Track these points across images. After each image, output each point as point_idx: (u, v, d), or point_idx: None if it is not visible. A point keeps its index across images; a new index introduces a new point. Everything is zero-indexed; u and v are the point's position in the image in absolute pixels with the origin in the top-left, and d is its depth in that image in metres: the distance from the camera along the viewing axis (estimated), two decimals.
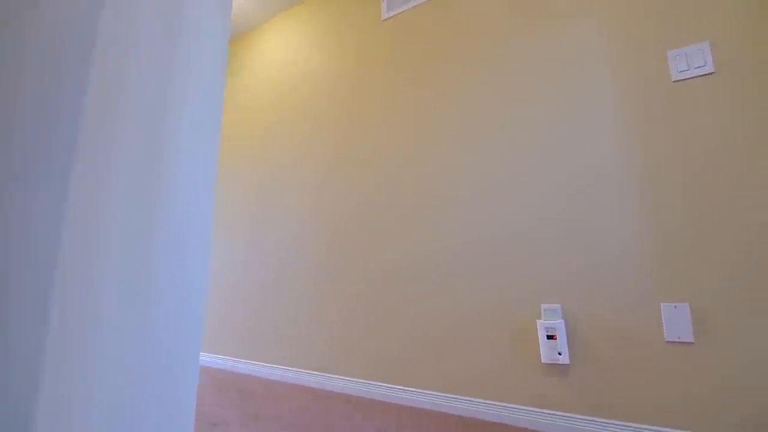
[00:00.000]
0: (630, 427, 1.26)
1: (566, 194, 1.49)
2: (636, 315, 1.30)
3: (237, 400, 1.76)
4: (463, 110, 1.79)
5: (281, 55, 2.71)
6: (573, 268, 1.43)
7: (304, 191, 2.31)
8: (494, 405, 1.48)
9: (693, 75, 1.34)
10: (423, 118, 1.91)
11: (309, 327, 2.10)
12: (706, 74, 1.32)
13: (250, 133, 2.77)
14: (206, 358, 2.58)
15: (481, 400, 1.51)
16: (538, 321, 1.44)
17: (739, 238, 1.20)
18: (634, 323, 1.30)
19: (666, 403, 1.22)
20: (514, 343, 1.49)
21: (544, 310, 1.45)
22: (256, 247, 2.49)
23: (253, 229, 2.54)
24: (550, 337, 1.40)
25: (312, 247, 2.19)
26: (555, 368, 1.40)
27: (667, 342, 1.25)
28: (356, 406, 1.68)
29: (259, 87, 2.80)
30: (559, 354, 1.38)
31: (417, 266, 1.78)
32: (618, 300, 1.34)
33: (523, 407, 1.43)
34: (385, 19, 2.15)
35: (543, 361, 1.41)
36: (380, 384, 1.78)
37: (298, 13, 2.68)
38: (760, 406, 1.12)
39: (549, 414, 1.38)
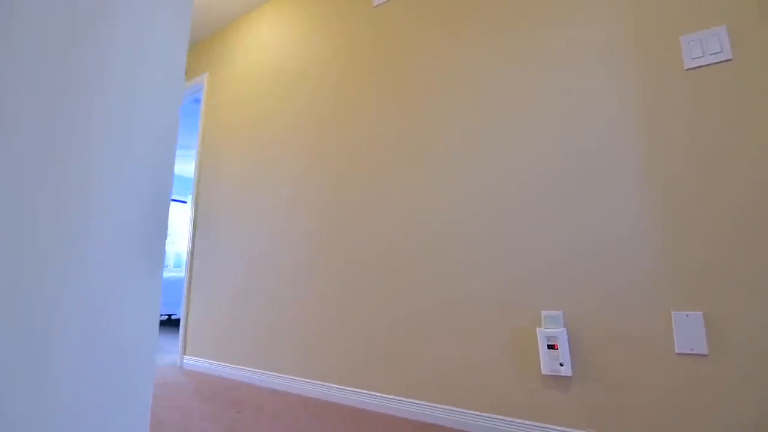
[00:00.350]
0: None
1: (569, 192, 1.38)
2: (644, 324, 1.20)
3: (206, 407, 1.66)
4: (457, 103, 1.68)
5: (272, 41, 2.58)
6: (576, 271, 1.33)
7: (284, 187, 2.19)
8: (489, 417, 1.39)
9: (708, 62, 1.23)
10: (414, 110, 1.79)
11: (294, 334, 2.00)
12: (722, 61, 1.21)
13: (238, 126, 2.65)
14: (188, 360, 2.48)
15: (476, 412, 1.42)
16: (538, 329, 1.34)
17: (759, 241, 1.10)
18: (642, 333, 1.20)
19: (676, 420, 1.12)
20: (512, 351, 1.39)
21: (544, 317, 1.35)
22: (238, 246, 2.38)
23: (232, 228, 2.43)
24: (551, 347, 1.30)
25: (290, 246, 2.08)
26: (556, 380, 1.30)
27: (678, 354, 1.15)
28: (337, 413, 1.58)
29: (250, 76, 2.68)
30: (561, 365, 1.28)
31: (403, 265, 1.67)
32: (625, 307, 1.24)
33: (520, 420, 1.34)
34: (377, 6, 2.03)
35: (543, 372, 1.31)
36: (364, 391, 1.68)
37: None
38: None
39: (549, 429, 1.28)
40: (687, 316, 1.15)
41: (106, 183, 0.60)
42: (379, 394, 1.65)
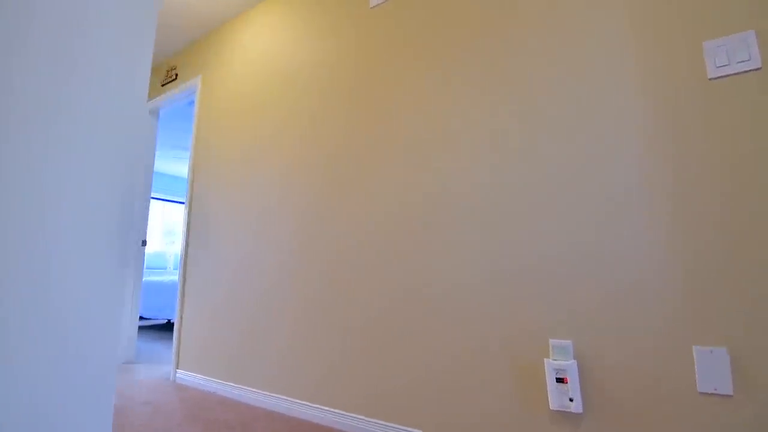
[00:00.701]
0: None
1: (581, 212, 1.28)
2: (663, 359, 1.10)
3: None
4: (458, 114, 1.57)
5: (266, 42, 2.48)
6: (588, 298, 1.23)
7: (276, 188, 2.10)
8: None
9: (735, 71, 1.11)
10: (412, 122, 1.69)
11: (287, 352, 1.91)
12: (751, 70, 1.10)
13: (232, 126, 2.55)
14: (181, 374, 2.40)
15: None
16: (545, 360, 1.24)
17: None
18: (660, 369, 1.10)
19: None
20: (517, 384, 1.30)
21: (552, 347, 1.25)
22: (232, 251, 2.29)
23: (228, 231, 2.35)
24: (559, 380, 1.21)
25: (275, 247, 1.99)
26: (565, 417, 1.21)
27: (701, 393, 1.05)
28: None
29: (243, 78, 2.58)
30: (571, 400, 1.18)
31: (396, 281, 1.58)
32: (642, 339, 1.14)
33: None
34: (373, 6, 1.91)
35: (551, 407, 1.21)
36: (362, 418, 1.59)
37: None
38: None
39: None
40: (711, 352, 1.05)
41: (67, 183, 0.60)
42: (375, 421, 1.56)
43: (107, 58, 0.67)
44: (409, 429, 1.47)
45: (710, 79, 1.14)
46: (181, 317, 2.55)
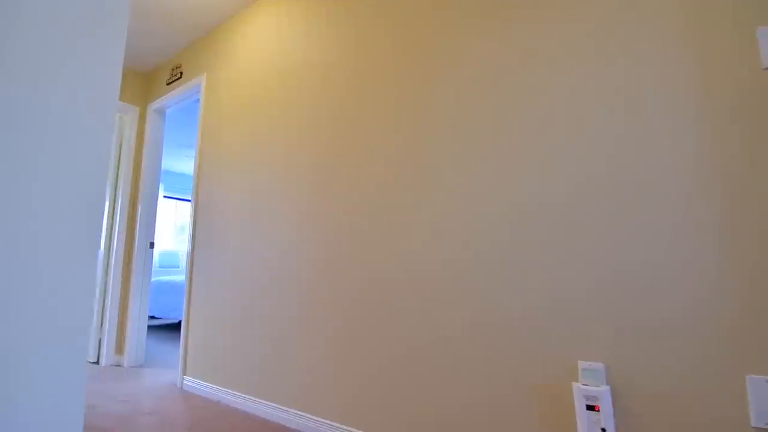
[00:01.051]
0: None
1: (617, 217, 1.15)
2: (711, 388, 0.98)
3: None
4: (466, 107, 1.45)
5: (268, 39, 2.38)
6: (623, 316, 1.10)
7: (278, 188, 2.01)
8: None
9: None
10: (416, 115, 1.57)
11: (285, 361, 1.83)
12: None
13: (238, 132, 2.47)
14: (189, 382, 2.34)
15: None
16: (574, 384, 1.12)
17: None
18: (707, 399, 0.98)
19: None
20: (542, 411, 1.18)
21: (582, 370, 1.13)
22: (239, 252, 2.21)
23: (234, 234, 2.27)
24: (590, 408, 1.09)
25: (296, 268, 1.90)
26: None
27: (755, 429, 0.93)
28: None
29: (247, 75, 2.49)
30: (603, 430, 1.07)
31: (409, 297, 1.47)
32: (686, 365, 1.01)
33: None
34: None
35: None
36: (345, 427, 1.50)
37: None
38: None
39: None
40: (767, 381, 0.92)
41: (37, 184, 0.59)
42: None
43: (80, 59, 0.65)
44: None
45: (765, 69, 1.00)
46: (188, 321, 2.49)
